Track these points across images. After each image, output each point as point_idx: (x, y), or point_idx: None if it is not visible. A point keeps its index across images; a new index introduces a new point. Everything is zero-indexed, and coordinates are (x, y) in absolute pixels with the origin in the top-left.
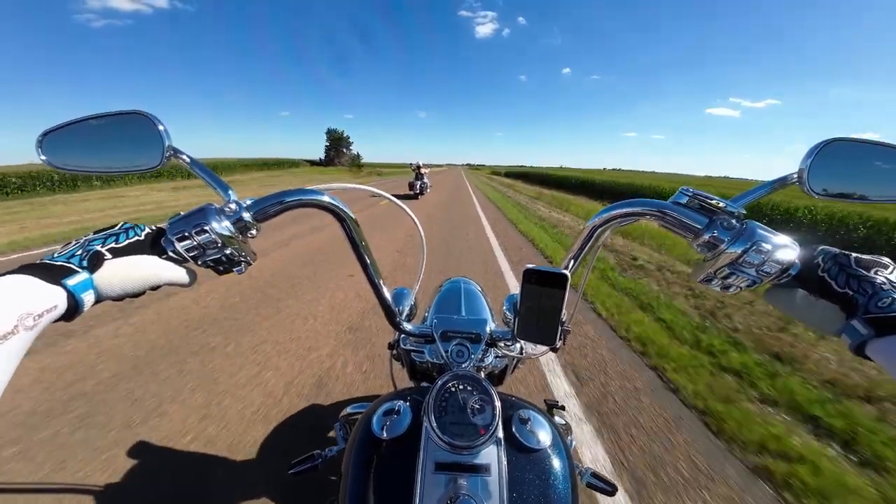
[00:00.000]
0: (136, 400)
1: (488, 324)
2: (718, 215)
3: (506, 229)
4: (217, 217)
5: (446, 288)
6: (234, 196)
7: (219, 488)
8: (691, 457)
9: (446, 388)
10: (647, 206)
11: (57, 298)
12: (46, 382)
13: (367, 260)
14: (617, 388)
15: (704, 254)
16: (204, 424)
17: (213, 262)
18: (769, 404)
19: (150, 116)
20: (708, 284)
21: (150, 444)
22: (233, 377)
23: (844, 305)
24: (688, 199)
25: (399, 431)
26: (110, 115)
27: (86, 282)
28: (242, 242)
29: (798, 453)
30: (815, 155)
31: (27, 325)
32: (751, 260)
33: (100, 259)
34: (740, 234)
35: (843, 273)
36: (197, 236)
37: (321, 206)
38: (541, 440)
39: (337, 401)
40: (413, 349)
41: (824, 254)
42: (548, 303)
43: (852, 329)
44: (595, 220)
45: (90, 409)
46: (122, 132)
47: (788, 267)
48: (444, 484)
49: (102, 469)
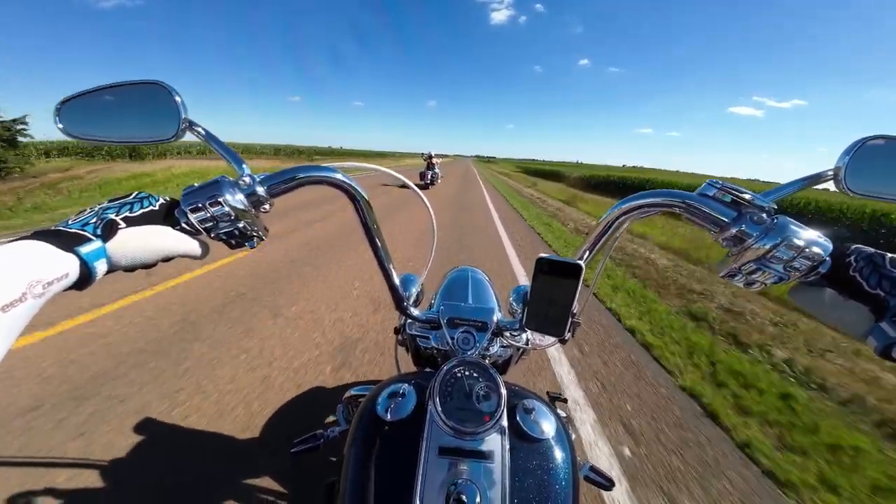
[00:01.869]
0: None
1: (495, 313)
2: (747, 209)
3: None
4: (231, 190)
5: (453, 276)
6: (248, 170)
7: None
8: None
9: (452, 374)
10: (671, 196)
11: (69, 266)
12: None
13: (378, 243)
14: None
15: (729, 248)
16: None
17: (225, 235)
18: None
19: (167, 87)
20: (732, 280)
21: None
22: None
23: (874, 307)
24: (715, 191)
25: (403, 414)
26: (128, 85)
27: (99, 250)
28: (255, 217)
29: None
30: (854, 153)
31: (36, 292)
32: (780, 256)
33: (114, 228)
34: (770, 229)
35: (875, 273)
36: (211, 208)
37: (334, 184)
38: (544, 431)
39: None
40: (419, 335)
41: (857, 253)
42: (560, 293)
43: (880, 331)
44: (615, 211)
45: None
46: (140, 102)
47: (818, 264)
48: (447, 468)
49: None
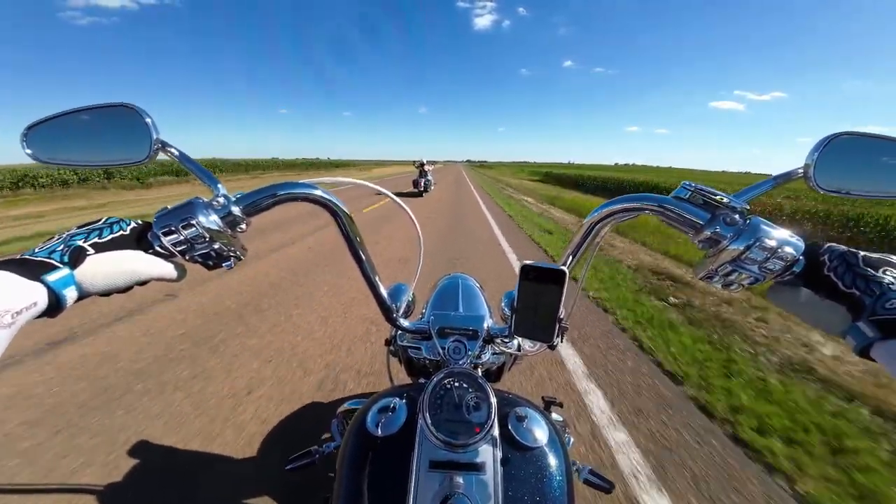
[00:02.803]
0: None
1: (486, 320)
2: (721, 210)
3: None
4: (205, 211)
5: (444, 284)
6: (223, 190)
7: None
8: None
9: (442, 386)
10: (647, 200)
11: (37, 295)
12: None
13: (363, 256)
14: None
15: (706, 250)
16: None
17: (201, 257)
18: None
19: (136, 109)
20: (709, 281)
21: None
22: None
23: (850, 306)
24: (690, 193)
25: (394, 429)
26: (96, 108)
27: (67, 277)
28: (232, 237)
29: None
30: (822, 150)
31: (5, 322)
32: (754, 257)
33: (82, 254)
34: (743, 231)
35: (850, 272)
36: (184, 230)
37: (314, 201)
38: (537, 438)
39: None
40: (410, 346)
41: (831, 251)
42: (545, 299)
43: (857, 331)
44: (594, 216)
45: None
46: (109, 125)
47: (792, 264)
48: (439, 482)
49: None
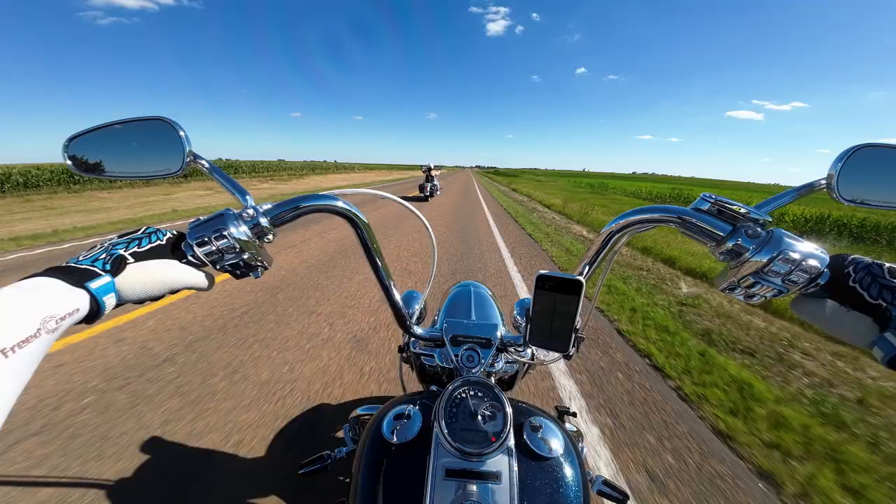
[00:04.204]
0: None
1: (499, 329)
2: (742, 222)
3: None
4: (235, 222)
5: (456, 292)
6: (252, 201)
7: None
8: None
9: (457, 394)
10: (666, 212)
11: (80, 301)
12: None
13: (379, 263)
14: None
15: (727, 262)
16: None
17: (230, 267)
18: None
19: (171, 122)
20: (731, 293)
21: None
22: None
23: (877, 317)
24: (709, 205)
25: (409, 436)
26: (133, 121)
27: (108, 285)
28: (259, 247)
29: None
30: (845, 161)
31: (49, 327)
32: (777, 269)
33: (123, 263)
34: (766, 243)
35: (875, 283)
36: (216, 241)
37: (336, 212)
38: (552, 448)
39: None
40: (423, 353)
41: (855, 263)
42: (561, 309)
43: (885, 342)
44: (612, 226)
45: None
46: (145, 138)
47: (817, 276)
48: (454, 490)
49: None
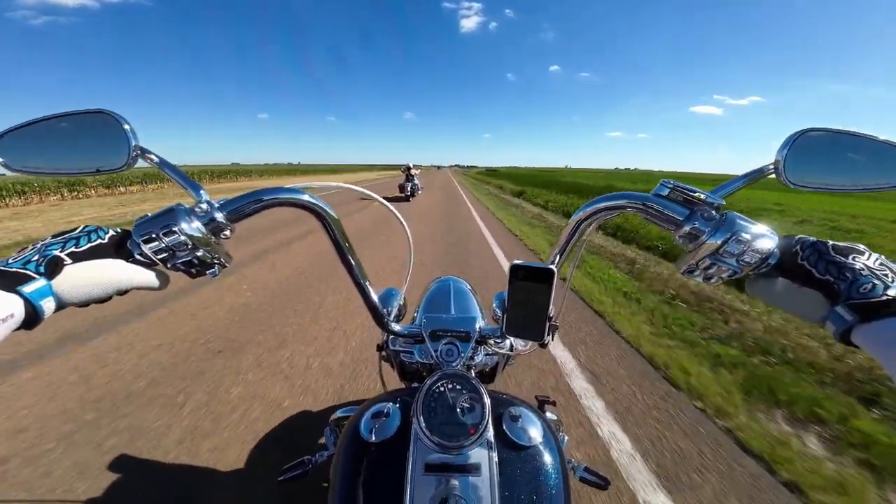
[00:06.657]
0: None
1: (477, 321)
2: (699, 206)
3: None
4: (187, 218)
5: (435, 287)
6: (206, 196)
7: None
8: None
9: (435, 388)
10: (630, 198)
11: (13, 307)
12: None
13: (352, 261)
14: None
15: (686, 245)
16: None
17: (183, 265)
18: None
19: (115, 115)
20: (690, 275)
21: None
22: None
23: (827, 293)
24: (669, 190)
25: (388, 434)
26: (72, 115)
27: (43, 288)
28: (216, 244)
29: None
30: (790, 146)
31: None
32: (731, 250)
33: (58, 264)
34: (720, 225)
35: (822, 260)
36: (165, 238)
37: (300, 206)
38: (532, 437)
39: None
40: (402, 350)
41: (802, 242)
42: (535, 298)
43: (836, 316)
44: (580, 214)
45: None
46: (86, 132)
47: (768, 256)
48: (435, 485)
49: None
